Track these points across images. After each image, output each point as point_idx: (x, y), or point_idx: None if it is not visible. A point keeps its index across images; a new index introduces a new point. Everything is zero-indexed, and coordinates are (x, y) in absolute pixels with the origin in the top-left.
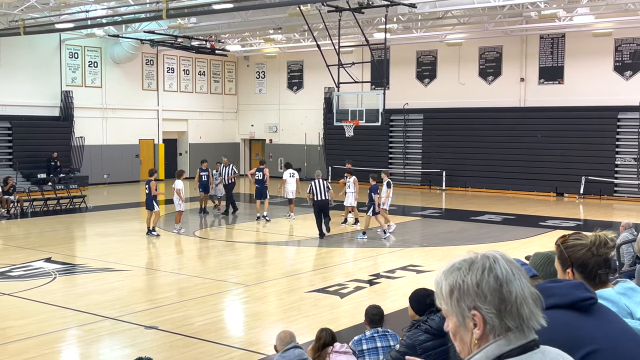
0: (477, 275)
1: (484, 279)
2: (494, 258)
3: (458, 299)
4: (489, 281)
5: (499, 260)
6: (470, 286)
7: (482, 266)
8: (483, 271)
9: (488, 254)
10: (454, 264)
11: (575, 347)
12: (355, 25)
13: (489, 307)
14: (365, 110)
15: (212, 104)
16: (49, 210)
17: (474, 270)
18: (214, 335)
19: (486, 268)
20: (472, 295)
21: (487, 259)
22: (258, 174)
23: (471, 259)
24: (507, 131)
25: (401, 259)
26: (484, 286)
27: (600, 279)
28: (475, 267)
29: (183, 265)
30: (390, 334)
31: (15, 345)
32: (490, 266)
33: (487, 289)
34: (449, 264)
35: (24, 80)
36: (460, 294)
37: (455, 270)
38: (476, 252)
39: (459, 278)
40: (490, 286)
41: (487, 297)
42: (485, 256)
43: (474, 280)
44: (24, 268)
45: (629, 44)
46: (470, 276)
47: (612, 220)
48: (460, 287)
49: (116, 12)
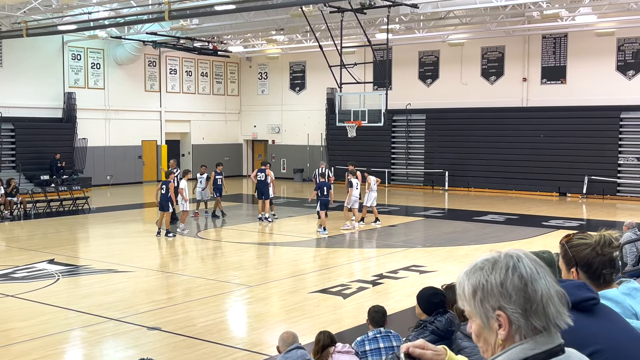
0: (501, 275)
1: (508, 278)
2: (517, 257)
3: (482, 299)
4: (514, 280)
5: (522, 258)
6: (494, 286)
7: (506, 265)
8: (507, 270)
9: (511, 252)
10: (476, 264)
11: (577, 348)
12: (357, 26)
13: (514, 306)
14: (367, 111)
15: (215, 105)
16: (52, 211)
17: (497, 270)
18: (217, 336)
19: (510, 267)
20: (496, 295)
21: (511, 258)
22: (260, 174)
23: (494, 258)
24: (509, 131)
25: (404, 260)
26: (508, 285)
27: (605, 279)
28: (498, 266)
29: (186, 266)
30: (393, 335)
31: (18, 346)
32: (514, 265)
33: (512, 288)
34: (471, 263)
35: (26, 82)
36: (484, 294)
37: (477, 269)
38: (499, 251)
39: (482, 278)
40: (515, 285)
41: (512, 297)
42: (509, 255)
43: (498, 280)
44: (27, 269)
45: (632, 43)
46: (493, 275)
47: (615, 220)
48: (484, 287)
49: (118, 13)
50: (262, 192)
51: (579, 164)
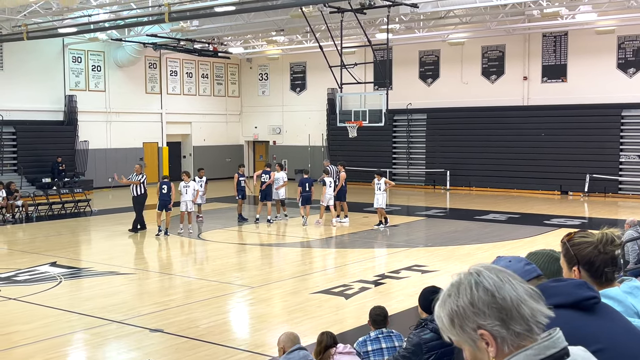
0: (467, 295)
1: (474, 295)
2: (477, 272)
3: (460, 325)
4: (480, 296)
5: (482, 272)
6: (466, 307)
7: (468, 284)
8: (471, 288)
9: (471, 270)
10: (444, 294)
11: None
12: (357, 26)
13: (491, 320)
14: (368, 111)
15: (216, 107)
16: (54, 214)
17: (462, 292)
18: (219, 337)
19: (472, 284)
20: (470, 316)
21: (471, 275)
22: (264, 176)
23: (457, 282)
24: (510, 130)
25: (406, 259)
26: (477, 302)
27: (607, 277)
28: (462, 287)
29: (188, 268)
30: (395, 335)
31: (21, 349)
32: (476, 281)
33: (482, 304)
34: (440, 295)
35: (27, 85)
36: (460, 319)
37: (446, 298)
38: (459, 273)
39: (453, 304)
40: (483, 300)
41: (486, 312)
42: (469, 273)
43: (467, 301)
44: (29, 272)
45: (632, 41)
46: (461, 298)
47: (617, 218)
48: (458, 313)
49: (119, 16)
50: (264, 194)
51: (580, 162)
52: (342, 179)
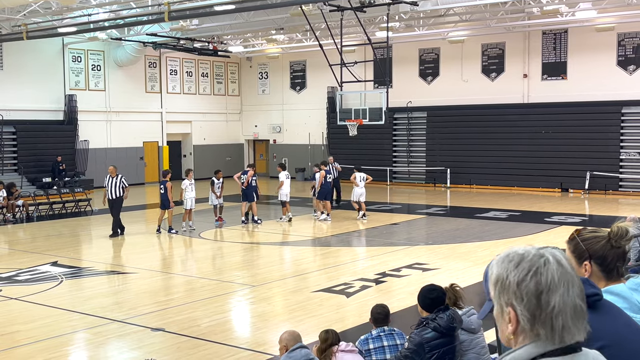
0: (521, 275)
1: (525, 280)
2: (545, 260)
3: (500, 291)
4: (529, 285)
5: (550, 263)
6: (512, 283)
7: (530, 267)
8: (528, 272)
9: (544, 252)
10: (508, 254)
11: None
12: (357, 24)
13: (524, 309)
14: (368, 109)
15: (216, 106)
16: (55, 214)
17: (520, 268)
18: (220, 336)
19: (532, 270)
20: (510, 292)
21: (539, 259)
22: (243, 177)
23: (522, 255)
24: (511, 127)
25: (407, 257)
26: (523, 288)
27: (618, 272)
28: (522, 265)
29: (189, 267)
30: (396, 333)
31: (22, 349)
32: (538, 269)
33: (526, 292)
34: (506, 251)
35: (27, 85)
36: (502, 287)
37: (506, 261)
38: (534, 246)
39: (505, 271)
40: (530, 290)
41: (524, 300)
42: (539, 255)
43: (517, 279)
44: (30, 272)
45: (632, 38)
46: (515, 273)
47: (618, 215)
48: (503, 282)
49: (118, 15)
50: (245, 194)
51: (580, 160)
52: (320, 177)
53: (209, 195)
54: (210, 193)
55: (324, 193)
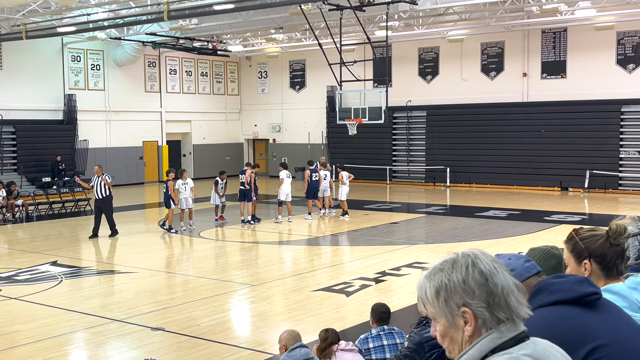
0: (462, 272)
1: (469, 274)
2: (474, 255)
3: (446, 298)
4: (475, 276)
5: (479, 256)
6: (457, 283)
7: (465, 263)
8: (467, 267)
9: (468, 252)
10: (435, 266)
11: (580, 343)
12: (356, 23)
13: (478, 301)
14: (368, 108)
15: (215, 105)
16: (54, 213)
17: (457, 268)
18: (220, 335)
19: (469, 264)
20: (459, 292)
21: (468, 257)
22: (241, 176)
23: (452, 259)
24: (510, 126)
25: (406, 256)
26: (470, 281)
27: (618, 270)
28: (458, 265)
29: (188, 266)
30: (396, 332)
31: (22, 349)
32: (473, 262)
33: (474, 284)
34: (430, 267)
35: (26, 85)
36: (448, 293)
37: (438, 271)
38: (455, 252)
39: (444, 278)
40: (477, 280)
41: (475, 292)
42: (466, 254)
43: (460, 278)
44: (30, 272)
45: (631, 37)
46: (455, 274)
47: (617, 213)
48: (447, 286)
49: (117, 14)
50: (242, 194)
51: (580, 159)
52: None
53: (212, 194)
54: (212, 192)
55: (311, 192)
